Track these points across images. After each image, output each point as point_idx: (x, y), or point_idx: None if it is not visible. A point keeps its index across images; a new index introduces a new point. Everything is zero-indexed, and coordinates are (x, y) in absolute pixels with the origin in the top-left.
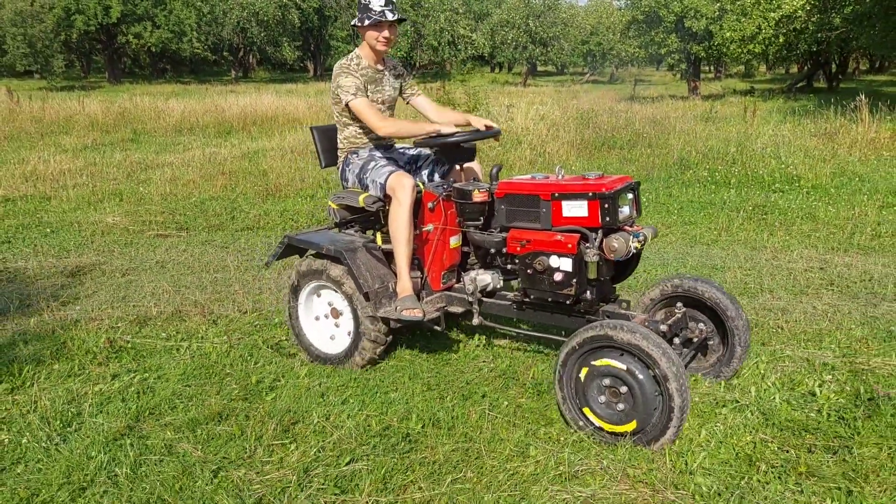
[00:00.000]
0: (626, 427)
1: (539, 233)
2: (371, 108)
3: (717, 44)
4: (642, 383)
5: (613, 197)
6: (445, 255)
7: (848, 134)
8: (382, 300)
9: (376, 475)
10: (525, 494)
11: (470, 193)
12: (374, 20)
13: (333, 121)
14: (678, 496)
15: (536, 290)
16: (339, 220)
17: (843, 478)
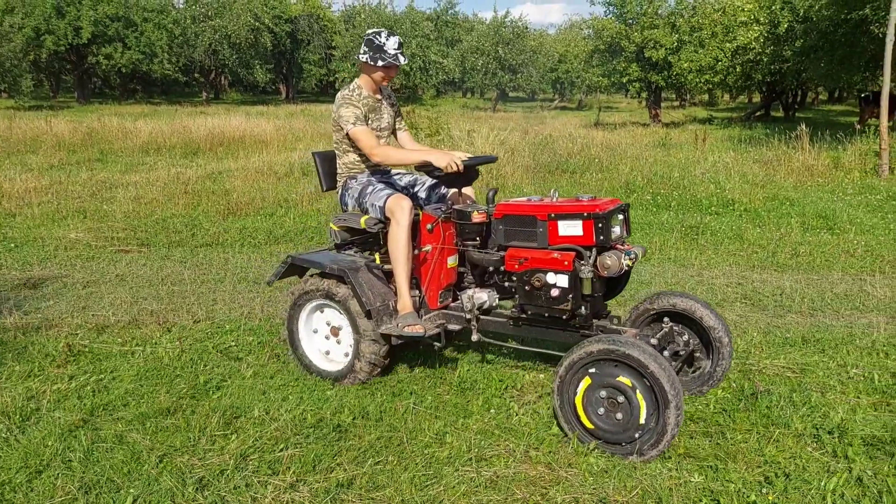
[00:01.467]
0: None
1: (536, 251)
2: (369, 135)
3: (675, 73)
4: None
5: (607, 217)
6: (443, 274)
7: (789, 161)
8: (384, 317)
9: (306, 459)
10: (438, 474)
11: (469, 215)
12: (388, 63)
13: (327, 146)
14: (570, 473)
15: (534, 306)
16: (339, 241)
17: (714, 458)
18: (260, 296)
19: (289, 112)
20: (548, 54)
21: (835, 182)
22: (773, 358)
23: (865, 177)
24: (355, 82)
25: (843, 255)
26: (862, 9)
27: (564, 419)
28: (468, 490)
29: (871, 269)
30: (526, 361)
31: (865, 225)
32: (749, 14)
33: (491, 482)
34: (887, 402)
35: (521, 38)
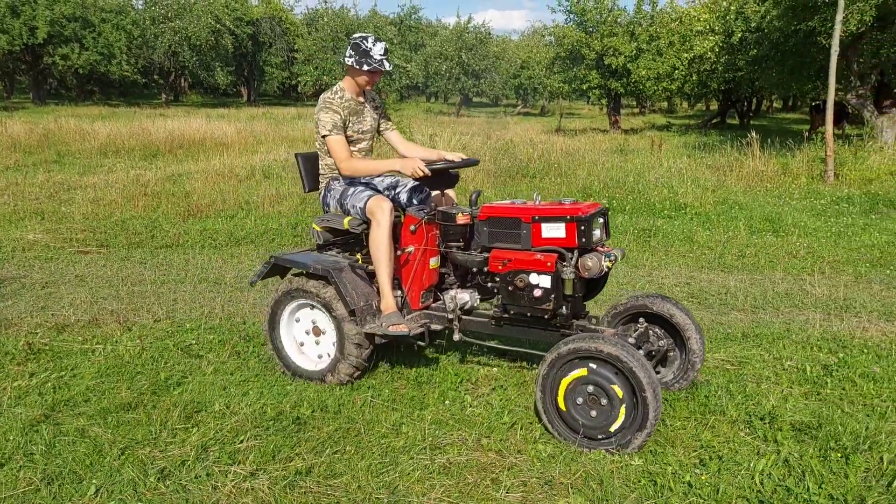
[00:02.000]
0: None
1: (520, 252)
2: (342, 146)
3: (634, 80)
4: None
5: (588, 220)
6: (425, 275)
7: (740, 167)
8: (367, 317)
9: (266, 449)
10: (394, 462)
11: (454, 216)
12: (373, 68)
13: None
14: (520, 459)
15: (516, 306)
16: (322, 241)
17: (654, 443)
18: (221, 295)
19: (250, 115)
20: (510, 60)
21: (782, 187)
22: (714, 352)
23: (812, 182)
24: (339, 84)
25: (786, 257)
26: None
27: (546, 415)
28: (422, 476)
29: (812, 269)
30: (481, 356)
31: (809, 228)
32: (705, 24)
33: (444, 468)
34: (817, 392)
35: (483, 43)
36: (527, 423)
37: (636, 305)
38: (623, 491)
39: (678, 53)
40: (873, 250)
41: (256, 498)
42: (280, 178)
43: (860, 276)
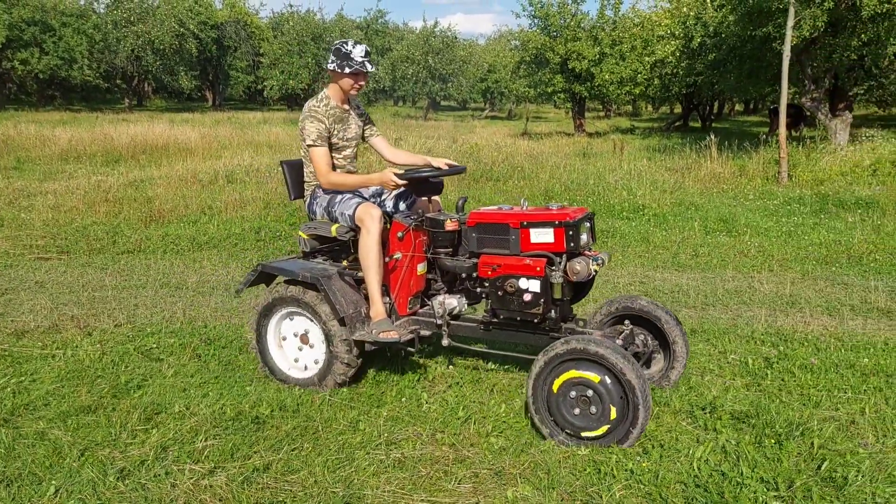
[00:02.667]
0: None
1: (509, 258)
2: (324, 158)
3: (598, 84)
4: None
5: (576, 225)
6: (413, 281)
7: (698, 169)
8: (356, 324)
9: (224, 448)
10: (350, 457)
11: (443, 223)
12: (354, 69)
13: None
14: (472, 452)
15: (506, 311)
16: (308, 249)
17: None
18: (182, 300)
19: (215, 120)
20: (477, 64)
21: (738, 188)
22: None
23: (767, 183)
24: (324, 92)
25: (738, 255)
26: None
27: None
28: (377, 470)
29: (761, 267)
30: (438, 356)
31: (761, 227)
32: (666, 28)
33: (399, 462)
34: (757, 383)
35: (450, 47)
36: (480, 417)
37: (622, 308)
38: (569, 479)
39: (640, 57)
40: (820, 248)
41: (214, 494)
42: (244, 182)
43: (807, 274)
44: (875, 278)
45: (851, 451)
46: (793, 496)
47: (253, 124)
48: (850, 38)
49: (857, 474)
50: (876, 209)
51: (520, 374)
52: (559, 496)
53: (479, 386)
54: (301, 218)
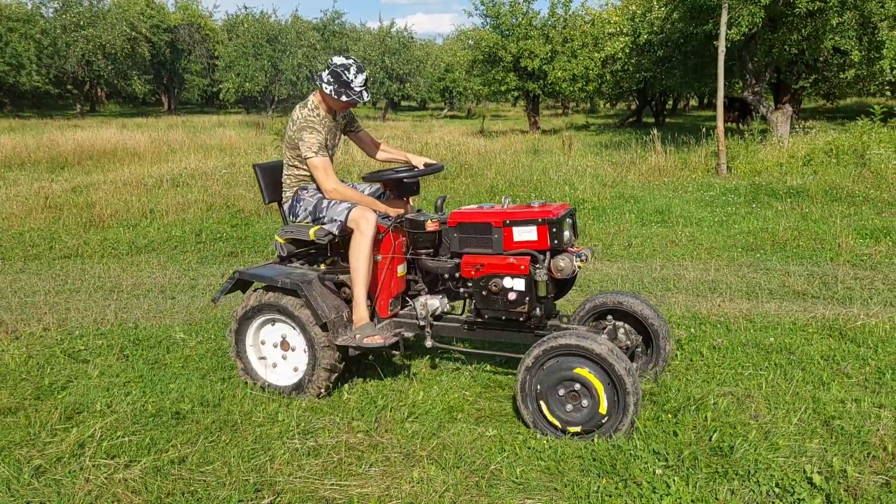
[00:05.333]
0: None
1: (492, 257)
2: (328, 169)
3: (550, 82)
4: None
5: (559, 222)
6: (393, 283)
7: (643, 163)
8: (339, 329)
9: (142, 443)
10: (266, 447)
11: (423, 224)
12: (352, 100)
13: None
14: (386, 438)
15: (491, 310)
16: (285, 253)
17: (513, 415)
18: (116, 303)
19: (169, 124)
20: (435, 64)
21: (678, 181)
22: None
23: (706, 176)
24: (312, 100)
25: (669, 245)
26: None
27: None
28: (291, 459)
29: (690, 255)
30: None
31: (694, 218)
32: (615, 26)
33: (313, 450)
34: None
35: (407, 47)
36: (398, 405)
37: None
38: (474, 458)
39: (591, 55)
40: (748, 236)
41: (128, 487)
42: (188, 186)
43: (733, 261)
44: (795, 263)
45: (742, 423)
46: (681, 465)
47: (207, 128)
48: (789, 34)
49: (743, 443)
50: (805, 197)
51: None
52: (463, 474)
53: (398, 373)
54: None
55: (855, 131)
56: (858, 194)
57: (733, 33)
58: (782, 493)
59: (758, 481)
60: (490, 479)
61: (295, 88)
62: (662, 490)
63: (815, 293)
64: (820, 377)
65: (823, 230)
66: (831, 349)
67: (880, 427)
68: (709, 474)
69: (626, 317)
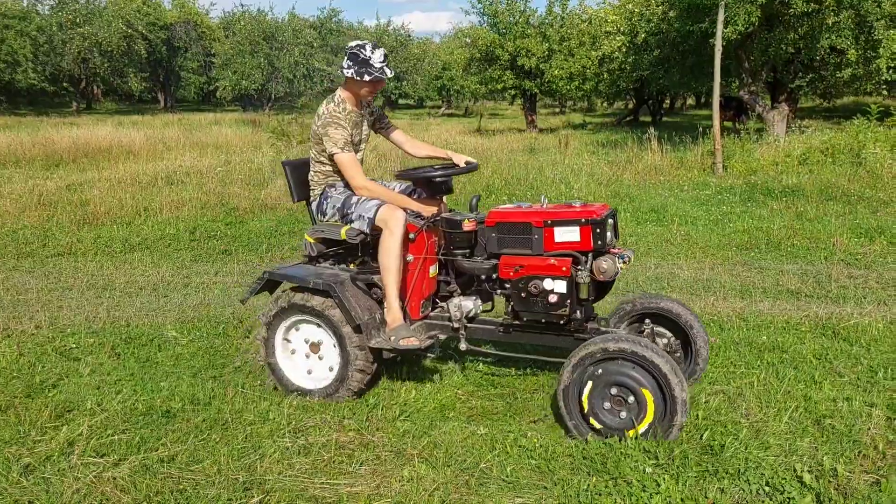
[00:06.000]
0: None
1: (532, 258)
2: (356, 165)
3: (547, 80)
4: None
5: (603, 223)
6: (425, 284)
7: (639, 162)
8: (372, 331)
9: (132, 442)
10: (256, 446)
11: (460, 223)
12: (375, 77)
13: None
14: (377, 437)
15: (530, 313)
16: (315, 253)
17: (503, 414)
18: (108, 301)
19: (165, 122)
20: (432, 62)
21: (674, 180)
22: None
23: (702, 175)
24: (339, 95)
25: (664, 244)
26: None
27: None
28: (281, 457)
29: (685, 254)
30: None
31: (690, 216)
32: (613, 25)
33: (304, 449)
34: None
35: (404, 45)
36: (389, 403)
37: (646, 306)
38: (465, 456)
39: (588, 53)
40: (743, 235)
41: (116, 486)
42: (183, 184)
43: (727, 260)
44: (790, 262)
45: (733, 422)
46: (671, 463)
47: (203, 126)
48: (786, 33)
49: (733, 441)
50: (800, 196)
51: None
52: (453, 473)
53: (390, 372)
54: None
55: (851, 130)
56: (854, 193)
57: (729, 32)
58: (772, 491)
59: (748, 480)
60: (480, 477)
61: (291, 86)
62: (652, 488)
63: (809, 292)
64: (812, 376)
65: (818, 229)
66: (824, 348)
67: (871, 426)
68: (699, 472)
69: (663, 320)
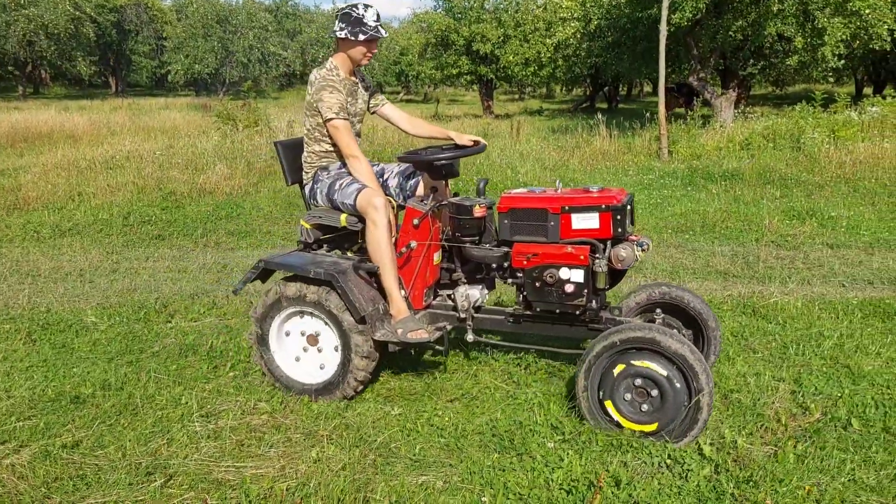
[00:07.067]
0: (645, 427)
1: (547, 246)
2: (350, 133)
3: (503, 66)
4: (677, 391)
5: (623, 209)
6: (429, 272)
7: (587, 147)
8: (377, 323)
9: (37, 428)
10: (166, 430)
11: (471, 209)
12: (370, 35)
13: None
14: (290, 419)
15: (544, 303)
16: (311, 240)
17: (420, 394)
18: (31, 287)
19: (114, 106)
20: (390, 47)
21: (620, 165)
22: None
23: (648, 160)
24: (331, 62)
25: None
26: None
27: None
28: (189, 441)
29: None
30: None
31: None
32: (567, 11)
33: (214, 433)
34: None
35: None
36: None
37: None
38: (375, 437)
39: (543, 39)
40: (680, 218)
41: (14, 472)
42: (123, 168)
43: (662, 242)
44: (722, 244)
45: None
46: (577, 437)
47: (153, 110)
48: (734, 20)
49: None
50: (739, 180)
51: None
52: (362, 453)
53: None
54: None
55: (792, 117)
56: (791, 177)
57: (678, 18)
58: (673, 464)
59: (650, 453)
60: (388, 456)
61: (246, 71)
62: (555, 462)
63: (737, 272)
64: (727, 352)
65: (753, 212)
66: (742, 326)
67: (776, 399)
68: (604, 447)
69: (674, 310)
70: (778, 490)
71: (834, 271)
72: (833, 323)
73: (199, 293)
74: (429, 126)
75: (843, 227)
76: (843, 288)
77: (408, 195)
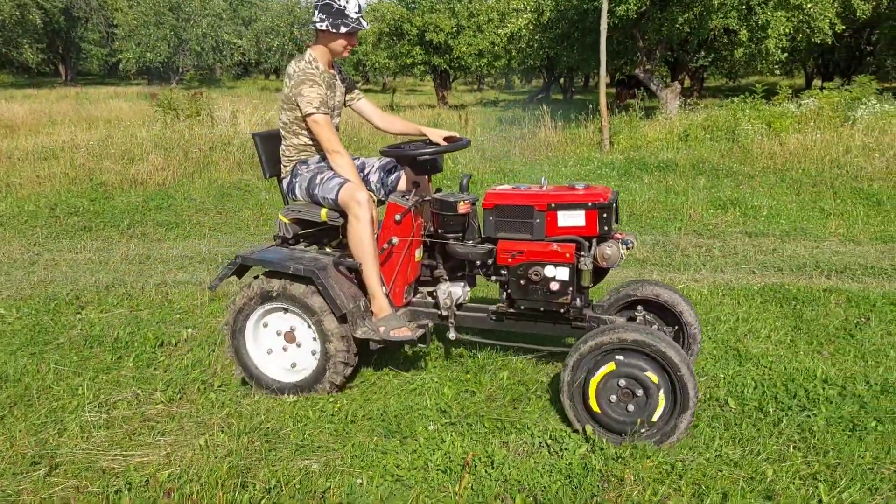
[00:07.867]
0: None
1: (532, 243)
2: (332, 128)
3: (456, 56)
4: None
5: (609, 206)
6: (410, 268)
7: (533, 138)
8: (358, 320)
9: None
10: (59, 420)
11: (455, 205)
12: (352, 28)
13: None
14: (186, 407)
15: (528, 300)
16: (290, 234)
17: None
18: None
19: (61, 95)
20: None
21: (562, 156)
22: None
23: (590, 151)
24: (310, 54)
25: None
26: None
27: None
28: (80, 431)
29: None
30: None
31: None
32: (520, 2)
33: (106, 423)
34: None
35: None
36: (210, 375)
37: (638, 293)
38: (264, 424)
39: (496, 30)
40: None
41: None
42: (57, 158)
43: None
44: (646, 233)
45: (535, 381)
46: (463, 420)
47: (101, 99)
48: (680, 13)
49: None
50: (672, 171)
51: None
52: (250, 440)
53: (219, 348)
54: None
55: (730, 108)
56: (722, 168)
57: (623, 10)
58: (553, 443)
59: (532, 433)
60: (275, 442)
61: (200, 59)
62: (436, 444)
63: (655, 260)
64: None
65: (681, 201)
66: None
67: None
68: (490, 429)
69: (654, 307)
70: (642, 466)
71: (747, 259)
72: (732, 308)
73: (115, 284)
74: (402, 122)
75: (763, 216)
76: (752, 275)
77: (389, 190)
